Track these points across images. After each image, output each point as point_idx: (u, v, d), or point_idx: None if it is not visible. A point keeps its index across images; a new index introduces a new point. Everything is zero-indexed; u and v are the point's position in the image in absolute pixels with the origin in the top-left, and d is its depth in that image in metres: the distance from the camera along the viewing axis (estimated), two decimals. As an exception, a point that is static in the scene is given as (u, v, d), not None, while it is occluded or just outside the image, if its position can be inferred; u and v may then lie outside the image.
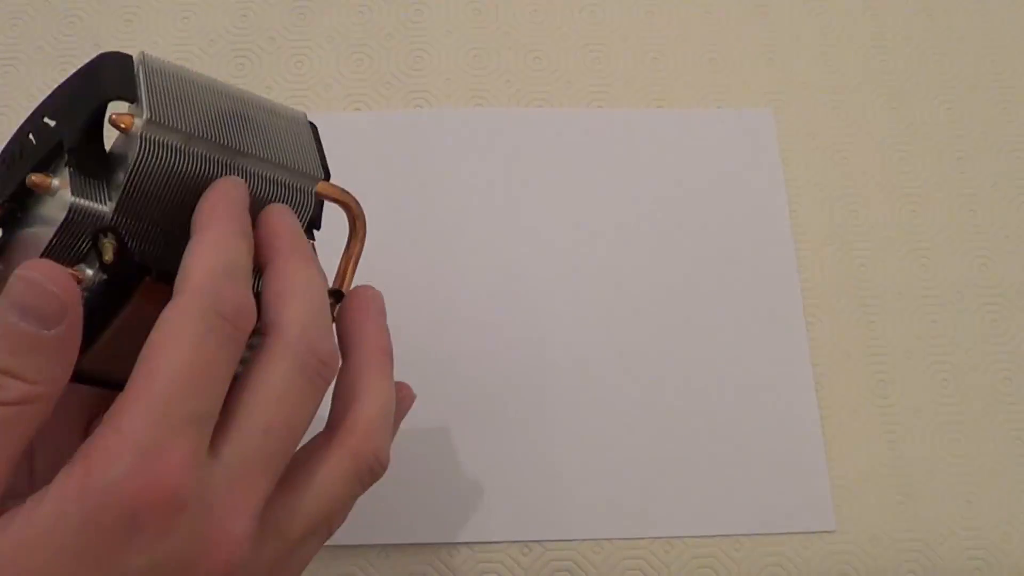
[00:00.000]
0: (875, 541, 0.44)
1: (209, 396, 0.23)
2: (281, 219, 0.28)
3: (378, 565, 0.42)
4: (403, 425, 0.44)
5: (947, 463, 0.45)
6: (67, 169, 0.27)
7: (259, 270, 0.28)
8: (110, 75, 0.28)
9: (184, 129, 0.28)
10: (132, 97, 0.28)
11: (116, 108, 0.27)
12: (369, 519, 0.42)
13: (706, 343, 0.47)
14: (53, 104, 0.29)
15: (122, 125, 0.27)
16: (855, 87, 0.53)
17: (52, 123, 0.28)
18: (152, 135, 0.27)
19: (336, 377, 0.28)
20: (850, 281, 0.49)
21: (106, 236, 0.26)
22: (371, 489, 0.44)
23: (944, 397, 0.47)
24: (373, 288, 0.31)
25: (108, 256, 0.26)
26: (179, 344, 0.23)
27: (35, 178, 0.27)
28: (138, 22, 0.53)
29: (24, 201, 0.28)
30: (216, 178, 0.28)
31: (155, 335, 0.23)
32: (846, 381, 0.47)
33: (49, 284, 0.23)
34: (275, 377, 0.25)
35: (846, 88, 0.53)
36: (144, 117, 0.27)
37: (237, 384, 0.25)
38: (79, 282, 0.25)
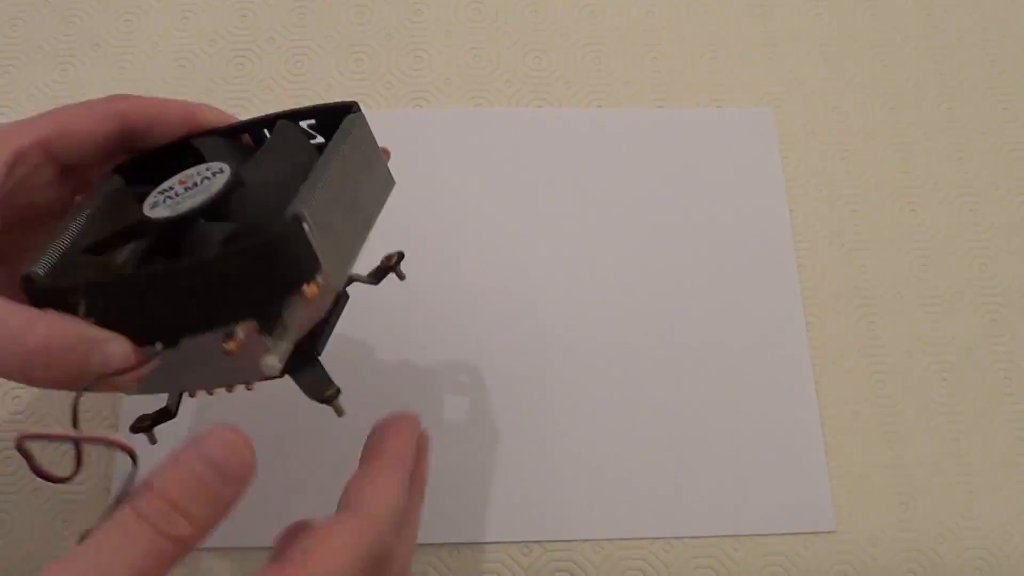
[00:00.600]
0: (875, 541, 0.44)
1: None
2: (400, 438, 0.33)
3: (378, 565, 0.42)
4: (403, 425, 0.44)
5: (947, 463, 0.45)
6: (265, 338, 0.30)
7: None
8: (294, 259, 0.30)
9: (352, 269, 0.33)
10: (317, 270, 0.30)
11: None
12: (369, 519, 0.43)
13: (706, 343, 0.47)
14: (235, 302, 0.30)
15: (309, 295, 0.30)
16: (855, 87, 0.53)
17: (235, 323, 0.30)
18: (344, 293, 0.35)
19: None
20: (850, 281, 0.49)
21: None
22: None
23: (944, 397, 0.47)
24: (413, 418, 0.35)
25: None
26: (342, 561, 0.27)
27: (231, 346, 0.29)
28: (138, 22, 0.53)
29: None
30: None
31: (328, 538, 0.28)
32: (846, 381, 0.47)
33: (243, 451, 0.26)
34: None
35: (846, 88, 0.53)
36: (334, 283, 0.31)
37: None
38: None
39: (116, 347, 0.30)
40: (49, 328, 0.30)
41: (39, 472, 0.28)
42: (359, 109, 0.36)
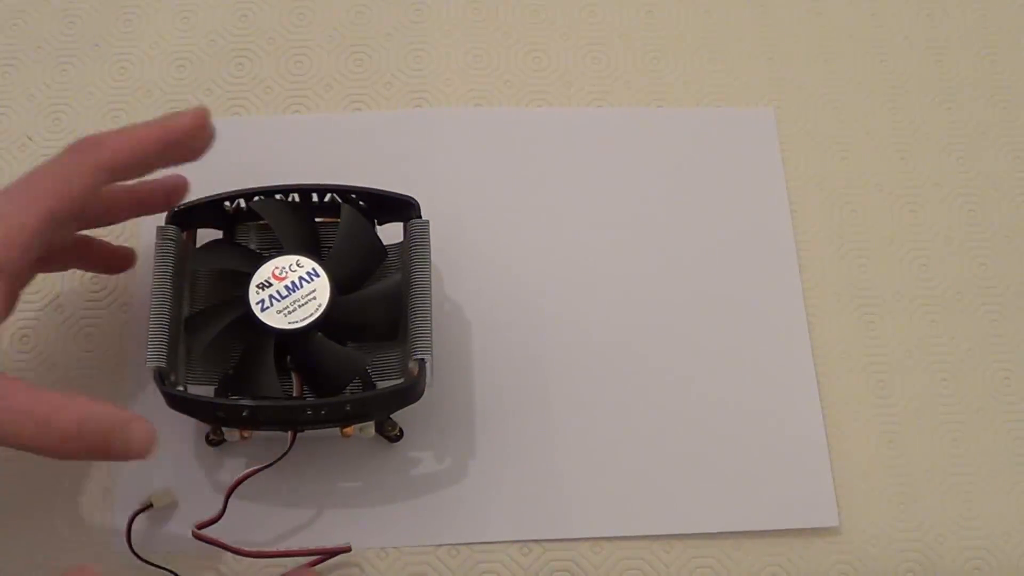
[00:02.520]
0: (875, 540, 0.44)
1: None
2: None
3: (378, 565, 0.42)
4: (402, 426, 0.44)
5: (947, 463, 0.45)
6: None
7: None
8: (420, 389, 0.39)
9: None
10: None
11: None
12: (369, 520, 0.42)
13: (707, 343, 0.47)
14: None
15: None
16: (855, 87, 0.53)
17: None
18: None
19: None
20: (850, 281, 0.49)
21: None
22: (371, 491, 0.44)
23: (944, 397, 0.47)
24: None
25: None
26: None
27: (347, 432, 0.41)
28: (138, 22, 0.53)
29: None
30: None
31: None
32: (846, 380, 0.47)
33: None
34: None
35: (846, 88, 0.53)
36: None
37: None
38: None
39: (142, 429, 0.34)
40: (80, 410, 0.33)
41: None
42: (418, 207, 0.42)
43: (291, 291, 0.38)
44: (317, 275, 0.39)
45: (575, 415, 0.45)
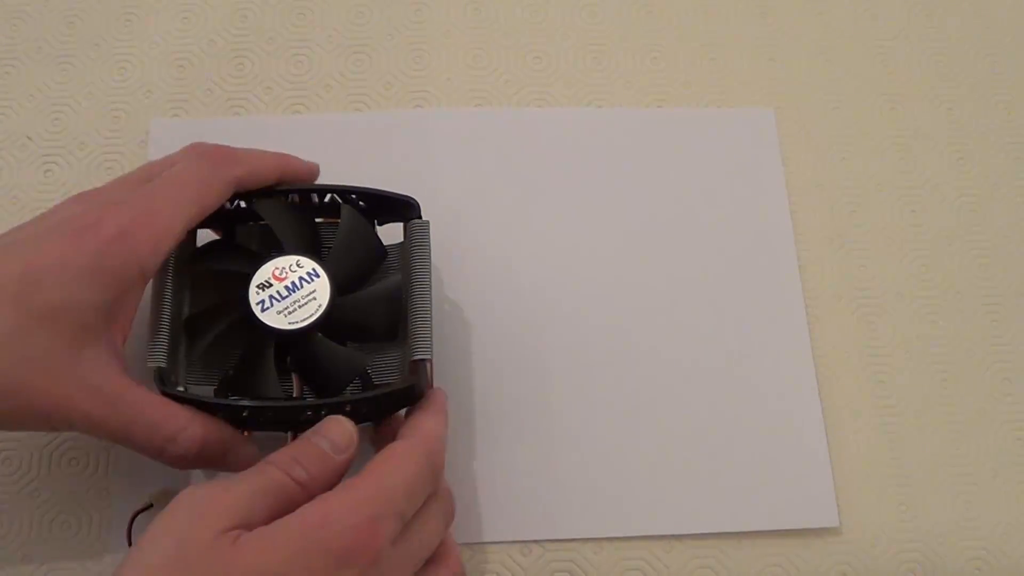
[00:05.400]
0: (875, 541, 0.44)
1: (411, 506, 0.34)
2: (439, 395, 0.40)
3: (378, 565, 0.42)
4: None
5: (947, 463, 0.45)
6: None
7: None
8: (422, 389, 0.39)
9: None
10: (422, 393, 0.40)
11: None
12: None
13: (707, 343, 0.47)
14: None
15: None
16: (855, 87, 0.53)
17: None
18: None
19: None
20: (850, 281, 0.49)
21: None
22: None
23: (944, 397, 0.47)
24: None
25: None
26: (407, 467, 0.34)
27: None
28: (138, 22, 0.53)
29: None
30: None
31: (391, 455, 0.35)
32: (846, 380, 0.47)
33: (348, 429, 0.36)
34: (435, 516, 0.36)
35: (846, 88, 0.53)
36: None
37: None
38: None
39: (249, 453, 0.38)
40: (203, 431, 0.36)
41: None
42: (418, 207, 0.42)
43: (291, 291, 0.38)
44: (317, 275, 0.39)
45: (575, 415, 0.45)
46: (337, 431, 0.35)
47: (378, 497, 0.33)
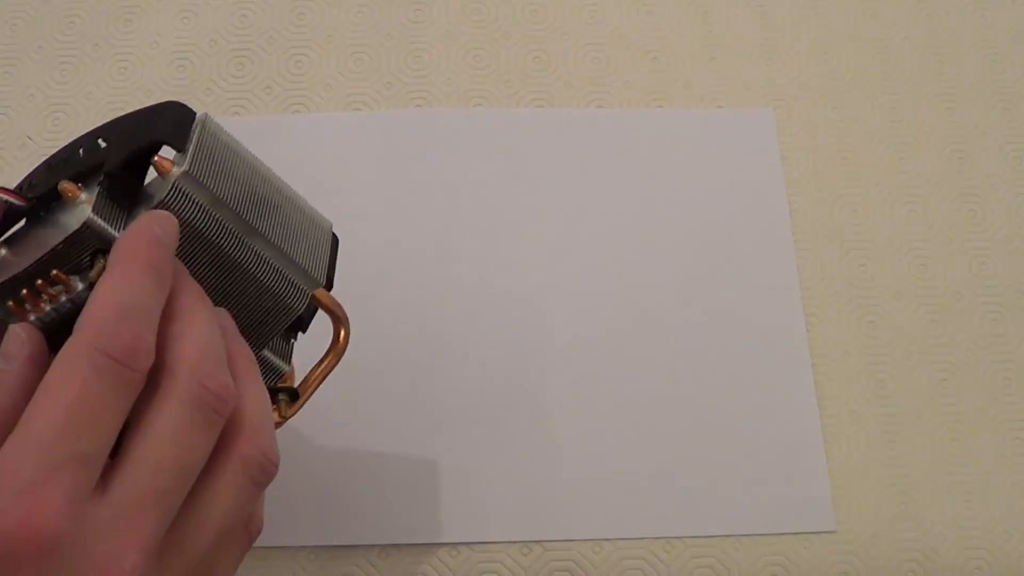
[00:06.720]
0: (875, 541, 0.44)
1: (95, 436, 0.23)
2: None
3: (378, 565, 0.42)
4: (403, 426, 0.44)
5: (947, 463, 0.45)
6: (98, 188, 0.29)
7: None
8: (168, 121, 0.30)
9: (214, 192, 0.29)
10: (181, 147, 0.29)
11: (165, 153, 0.29)
12: (369, 519, 0.42)
13: (706, 343, 0.47)
14: (111, 129, 0.30)
15: (161, 168, 0.29)
16: (855, 87, 0.53)
17: (103, 145, 0.29)
18: (183, 185, 0.29)
19: None
20: (850, 281, 0.49)
21: (103, 257, 0.27)
22: (372, 490, 0.44)
23: (944, 397, 0.47)
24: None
25: (95, 276, 0.27)
26: (66, 384, 0.23)
27: (66, 185, 0.28)
28: (138, 22, 0.53)
29: (50, 204, 0.29)
30: (225, 246, 0.30)
31: (48, 375, 0.23)
32: (846, 381, 0.47)
33: (21, 334, 0.26)
34: (165, 415, 0.25)
35: (846, 88, 0.53)
36: (183, 168, 0.29)
37: (130, 424, 0.25)
38: (68, 290, 0.28)
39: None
40: None
41: None
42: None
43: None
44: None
45: (575, 416, 0.45)
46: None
47: (28, 452, 0.22)
